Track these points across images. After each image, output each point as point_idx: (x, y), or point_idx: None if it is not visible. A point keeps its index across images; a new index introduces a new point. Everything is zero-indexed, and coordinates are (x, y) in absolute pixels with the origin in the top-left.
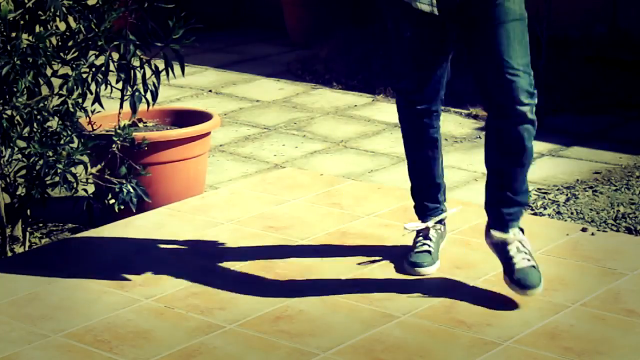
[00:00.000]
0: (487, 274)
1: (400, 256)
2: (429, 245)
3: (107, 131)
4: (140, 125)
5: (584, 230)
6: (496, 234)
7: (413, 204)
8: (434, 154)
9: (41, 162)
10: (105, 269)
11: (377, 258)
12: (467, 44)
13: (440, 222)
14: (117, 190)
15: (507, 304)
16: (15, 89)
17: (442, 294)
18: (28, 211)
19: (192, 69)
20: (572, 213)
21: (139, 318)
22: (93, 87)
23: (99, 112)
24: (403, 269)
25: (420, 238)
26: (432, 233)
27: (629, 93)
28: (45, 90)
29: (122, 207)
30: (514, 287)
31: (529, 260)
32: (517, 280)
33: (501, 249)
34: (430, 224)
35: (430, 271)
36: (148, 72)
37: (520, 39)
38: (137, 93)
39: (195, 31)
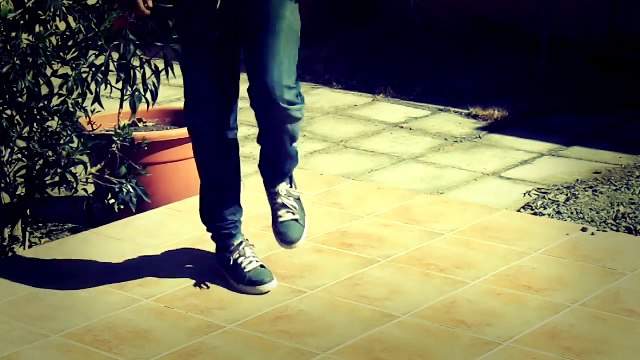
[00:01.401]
0: (487, 274)
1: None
2: (293, 213)
3: (107, 131)
4: (140, 125)
5: (584, 230)
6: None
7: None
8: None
9: (41, 162)
10: (105, 269)
11: (376, 258)
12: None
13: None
14: (117, 190)
15: (507, 304)
16: (15, 89)
17: (442, 294)
18: (28, 211)
19: None
20: (572, 213)
21: (139, 318)
22: (93, 87)
23: (99, 112)
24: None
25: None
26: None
27: (629, 93)
28: (45, 90)
29: (122, 207)
30: (278, 240)
31: (292, 214)
32: (279, 234)
33: (271, 201)
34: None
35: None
36: (148, 72)
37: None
38: (137, 93)
39: None
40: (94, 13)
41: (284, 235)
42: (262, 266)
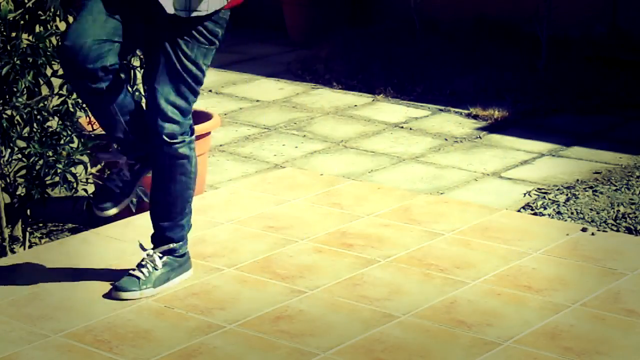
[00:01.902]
0: (487, 274)
1: None
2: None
3: None
4: None
5: (584, 230)
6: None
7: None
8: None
9: (41, 162)
10: (105, 269)
11: (376, 258)
12: None
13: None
14: None
15: (507, 304)
16: (15, 89)
17: (442, 294)
18: (28, 211)
19: None
20: (572, 213)
21: (139, 318)
22: None
23: None
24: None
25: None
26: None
27: (629, 93)
28: (45, 90)
29: None
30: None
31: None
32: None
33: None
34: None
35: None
36: None
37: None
38: (137, 93)
39: None
40: None
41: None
42: None
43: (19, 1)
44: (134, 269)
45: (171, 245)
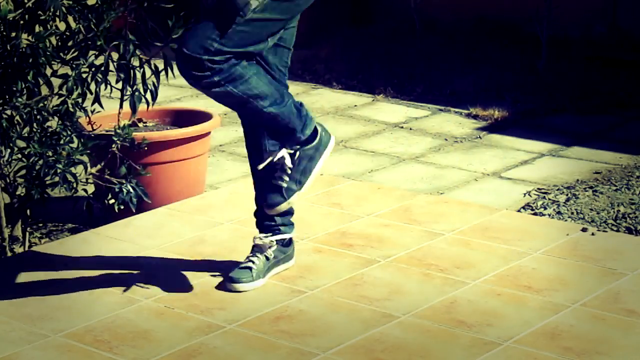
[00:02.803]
0: (487, 274)
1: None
2: (253, 262)
3: (107, 131)
4: (140, 125)
5: (584, 230)
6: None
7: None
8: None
9: (41, 162)
10: (105, 269)
11: (376, 258)
12: None
13: (279, 242)
14: (117, 190)
15: (507, 304)
16: (15, 89)
17: (442, 294)
18: (28, 211)
19: None
20: (572, 213)
21: (139, 318)
22: (93, 87)
23: (99, 112)
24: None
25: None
26: (265, 252)
27: (629, 93)
28: (45, 90)
29: (122, 207)
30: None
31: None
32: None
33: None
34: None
35: (247, 288)
36: (148, 72)
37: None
38: (136, 93)
39: None
40: (93, 13)
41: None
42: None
43: (19, 1)
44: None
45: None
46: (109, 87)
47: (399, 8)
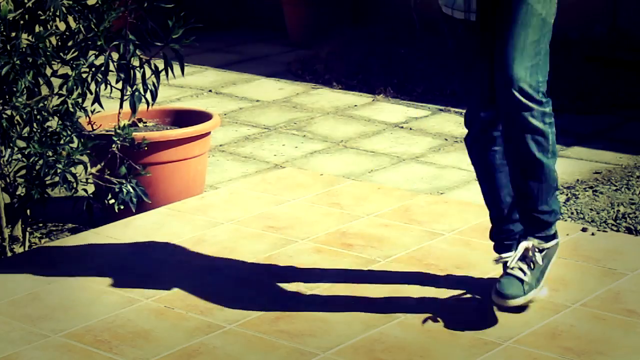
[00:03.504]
0: (487, 274)
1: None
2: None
3: (107, 131)
4: (140, 125)
5: (584, 230)
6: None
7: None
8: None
9: (41, 162)
10: (105, 269)
11: (376, 258)
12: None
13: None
14: (116, 190)
15: None
16: (15, 89)
17: (442, 294)
18: (28, 211)
19: (192, 68)
20: (572, 213)
21: (139, 318)
22: (93, 87)
23: (99, 112)
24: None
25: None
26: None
27: (629, 93)
28: (45, 90)
29: (122, 207)
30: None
31: (520, 270)
32: (497, 282)
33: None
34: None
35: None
36: (148, 72)
37: (532, 41)
38: (136, 93)
39: (195, 31)
40: (93, 13)
41: (498, 285)
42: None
43: (19, 1)
44: (512, 267)
45: (549, 232)
46: (109, 87)
47: (399, 8)
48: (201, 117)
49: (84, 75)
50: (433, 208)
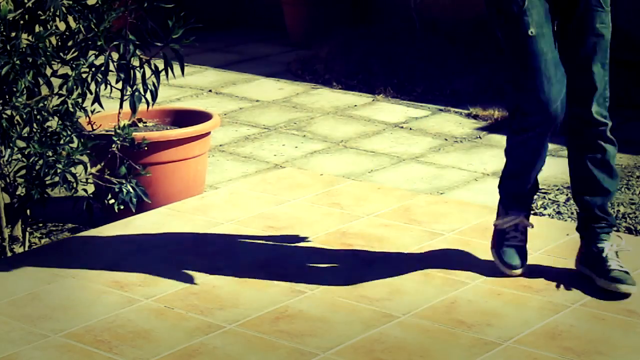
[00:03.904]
0: (487, 274)
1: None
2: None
3: (107, 131)
4: (140, 125)
5: None
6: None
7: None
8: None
9: (41, 162)
10: (105, 269)
11: (376, 258)
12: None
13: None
14: (116, 190)
15: (507, 304)
16: (15, 89)
17: (442, 294)
18: (28, 211)
19: (192, 69)
20: (572, 213)
21: (139, 318)
22: (93, 87)
23: (99, 112)
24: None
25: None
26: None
27: (629, 93)
28: (45, 90)
29: (122, 207)
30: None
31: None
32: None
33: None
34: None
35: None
36: (148, 72)
37: (605, 73)
38: (136, 93)
39: (195, 31)
40: (93, 13)
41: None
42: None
43: (19, 1)
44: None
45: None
46: (109, 87)
47: (399, 8)
48: (201, 117)
49: (84, 75)
50: (433, 208)
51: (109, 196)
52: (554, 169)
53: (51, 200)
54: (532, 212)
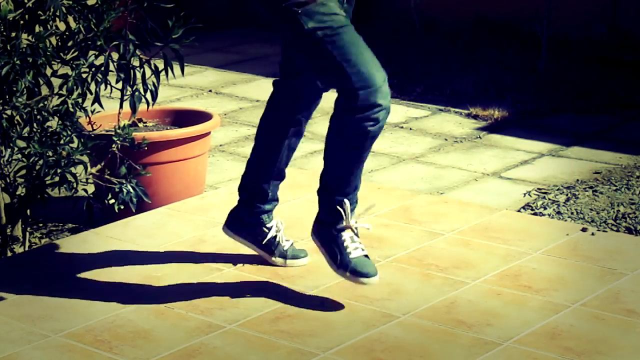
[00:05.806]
0: (487, 274)
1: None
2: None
3: (107, 131)
4: (140, 125)
5: (584, 230)
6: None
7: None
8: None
9: (41, 162)
10: (105, 269)
11: (376, 258)
12: None
13: None
14: (117, 190)
15: (507, 304)
16: (15, 89)
17: (442, 294)
18: (28, 211)
19: (192, 69)
20: (572, 213)
21: (139, 318)
22: (93, 87)
23: (99, 112)
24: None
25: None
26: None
27: (629, 93)
28: (45, 90)
29: (122, 207)
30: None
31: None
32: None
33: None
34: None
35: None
36: (148, 72)
37: None
38: (136, 93)
39: (195, 31)
40: (93, 13)
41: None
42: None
43: (19, 1)
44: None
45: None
46: (109, 87)
47: (399, 8)
48: (201, 117)
49: (84, 75)
50: (433, 208)
51: (109, 196)
52: (554, 169)
53: (51, 200)
54: (532, 212)
